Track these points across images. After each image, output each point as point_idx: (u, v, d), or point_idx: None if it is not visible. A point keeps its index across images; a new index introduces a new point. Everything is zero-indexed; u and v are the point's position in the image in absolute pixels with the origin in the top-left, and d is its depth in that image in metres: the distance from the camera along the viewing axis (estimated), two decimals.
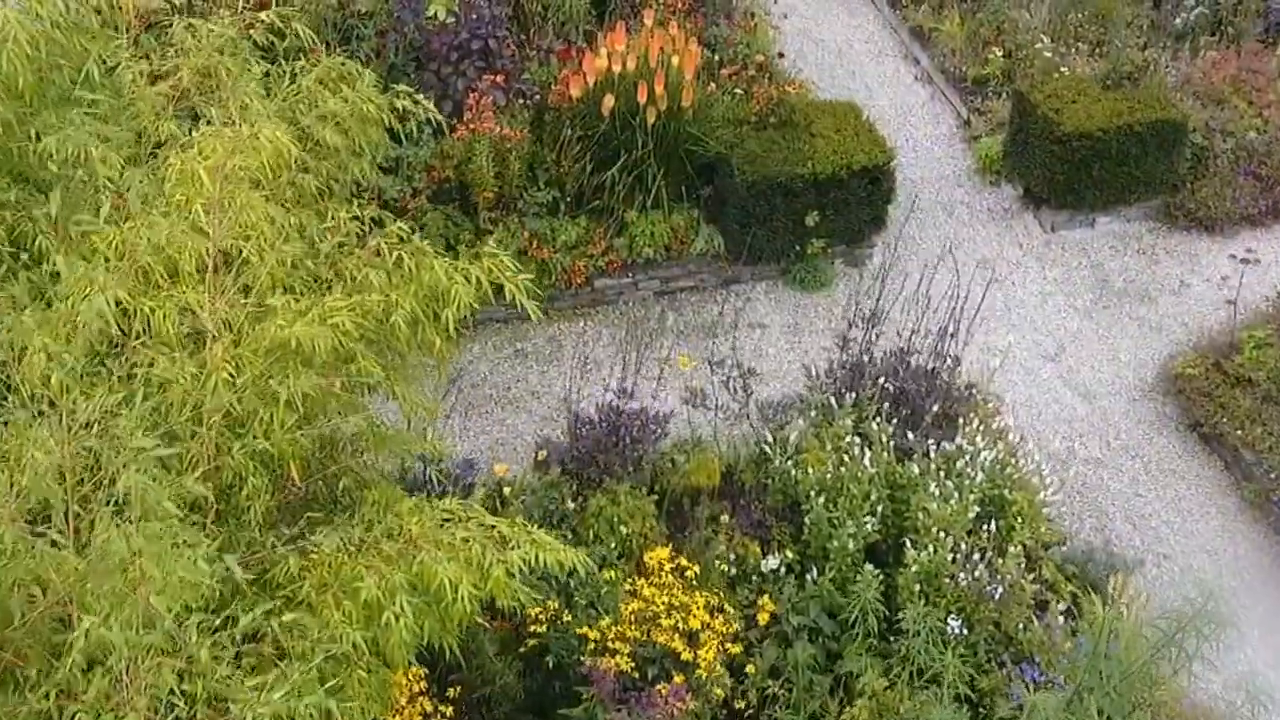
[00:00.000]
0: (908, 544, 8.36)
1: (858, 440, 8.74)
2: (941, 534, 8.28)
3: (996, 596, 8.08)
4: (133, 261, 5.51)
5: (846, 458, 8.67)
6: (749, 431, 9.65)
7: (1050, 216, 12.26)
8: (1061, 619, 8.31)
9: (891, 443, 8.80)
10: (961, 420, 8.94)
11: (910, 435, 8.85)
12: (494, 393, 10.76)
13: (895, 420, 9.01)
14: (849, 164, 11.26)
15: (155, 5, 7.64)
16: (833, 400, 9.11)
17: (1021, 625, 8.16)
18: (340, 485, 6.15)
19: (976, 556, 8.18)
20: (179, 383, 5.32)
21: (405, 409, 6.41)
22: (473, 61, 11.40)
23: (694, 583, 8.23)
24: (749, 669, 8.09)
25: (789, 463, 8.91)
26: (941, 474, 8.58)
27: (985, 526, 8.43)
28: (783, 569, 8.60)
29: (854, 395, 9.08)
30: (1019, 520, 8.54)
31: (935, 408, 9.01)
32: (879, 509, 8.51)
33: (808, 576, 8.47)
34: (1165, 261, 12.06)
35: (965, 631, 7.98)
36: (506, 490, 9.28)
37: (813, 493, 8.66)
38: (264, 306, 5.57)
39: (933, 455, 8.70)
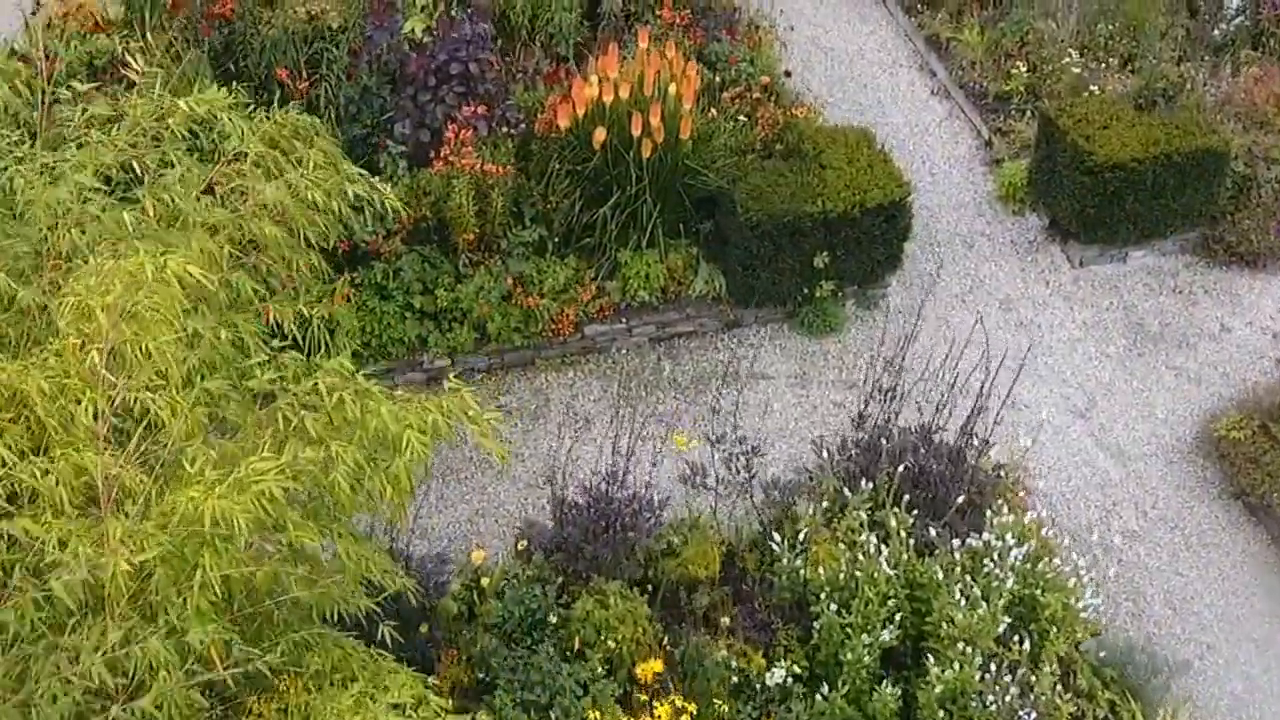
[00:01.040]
0: (930, 658, 7.49)
1: (874, 538, 7.84)
2: (967, 648, 7.40)
3: None
4: (20, 410, 4.60)
5: (861, 555, 7.79)
6: (753, 505, 8.77)
7: (1079, 251, 11.32)
8: None
9: (911, 539, 7.91)
10: (989, 511, 8.04)
11: (933, 530, 7.95)
12: (474, 455, 9.85)
13: (915, 509, 8.12)
14: (862, 200, 10.31)
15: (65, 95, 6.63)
16: (846, 490, 8.20)
17: None
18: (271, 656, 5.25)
19: (1007, 676, 7.31)
20: (71, 563, 4.43)
21: (351, 569, 5.47)
22: (452, 87, 10.44)
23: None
24: None
25: (797, 559, 8.02)
26: (967, 576, 7.69)
27: (1016, 635, 7.56)
28: (789, 680, 7.74)
29: (869, 482, 8.17)
30: (1053, 627, 7.65)
31: (960, 498, 8.11)
32: (897, 616, 7.63)
33: (818, 694, 7.59)
34: (1204, 302, 11.12)
35: None
36: (485, 581, 8.41)
37: (823, 594, 7.79)
38: (176, 467, 4.66)
39: (958, 555, 7.80)
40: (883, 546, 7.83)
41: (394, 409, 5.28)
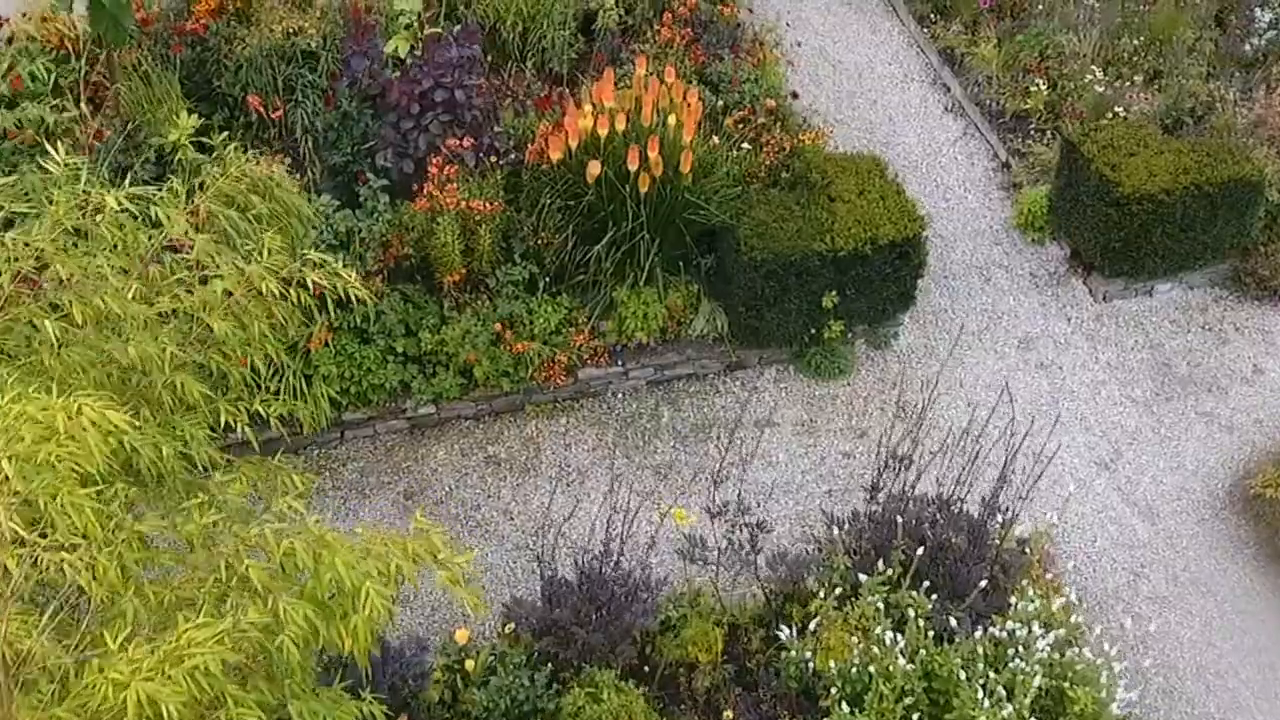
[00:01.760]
0: None
1: (890, 628, 7.24)
2: None
3: None
4: None
5: (876, 648, 7.18)
6: (756, 577, 8.18)
7: (1102, 285, 10.67)
8: None
9: (930, 626, 7.30)
10: (1014, 596, 7.43)
11: (953, 619, 7.34)
12: (460, 512, 9.26)
13: (934, 590, 7.51)
14: (874, 237, 9.66)
15: None
16: (859, 573, 7.59)
17: None
18: None
19: None
20: None
21: None
22: (437, 115, 9.79)
23: None
24: None
25: (806, 650, 7.42)
26: (990, 671, 7.08)
27: None
28: None
29: (884, 562, 7.56)
30: None
31: (984, 581, 7.50)
32: (914, 717, 7.03)
33: None
34: (1235, 340, 10.48)
35: None
36: (469, 664, 7.82)
37: (834, 688, 7.19)
38: (97, 640, 4.05)
39: (980, 647, 7.20)
40: (898, 635, 7.23)
41: (352, 558, 4.62)
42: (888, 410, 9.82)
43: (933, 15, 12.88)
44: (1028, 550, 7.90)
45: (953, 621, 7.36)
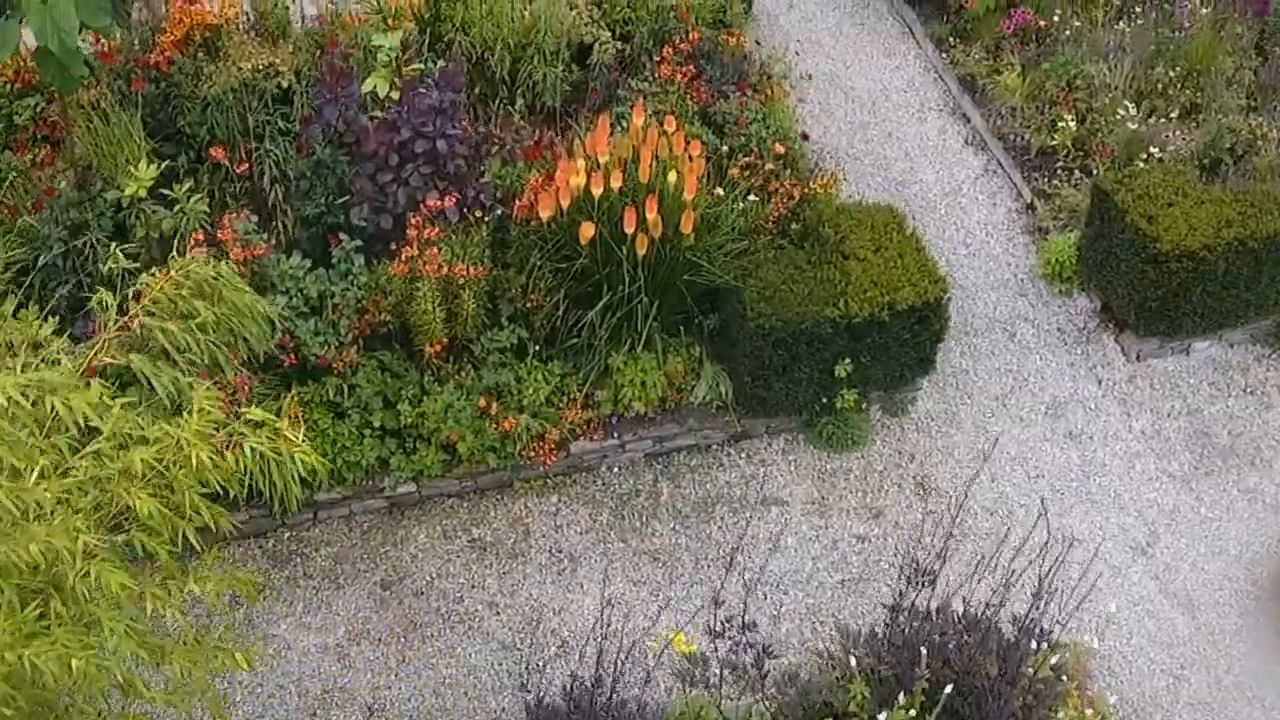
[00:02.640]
0: None
1: None
2: None
3: None
4: None
5: None
6: (763, 695, 7.45)
7: (1135, 344, 9.91)
8: None
9: None
10: None
11: None
12: (442, 605, 8.53)
13: None
14: (892, 301, 8.90)
15: None
16: (880, 704, 6.85)
17: None
18: None
19: None
20: None
21: None
22: (417, 166, 9.00)
23: None
24: None
25: None
26: None
27: None
28: None
29: (906, 695, 6.83)
30: None
31: (1015, 712, 6.77)
32: None
33: None
34: (1279, 405, 9.73)
35: None
36: None
37: None
38: None
39: None
40: None
41: None
42: (905, 487, 9.12)
43: (951, 38, 12.06)
44: (1064, 677, 7.15)
45: None
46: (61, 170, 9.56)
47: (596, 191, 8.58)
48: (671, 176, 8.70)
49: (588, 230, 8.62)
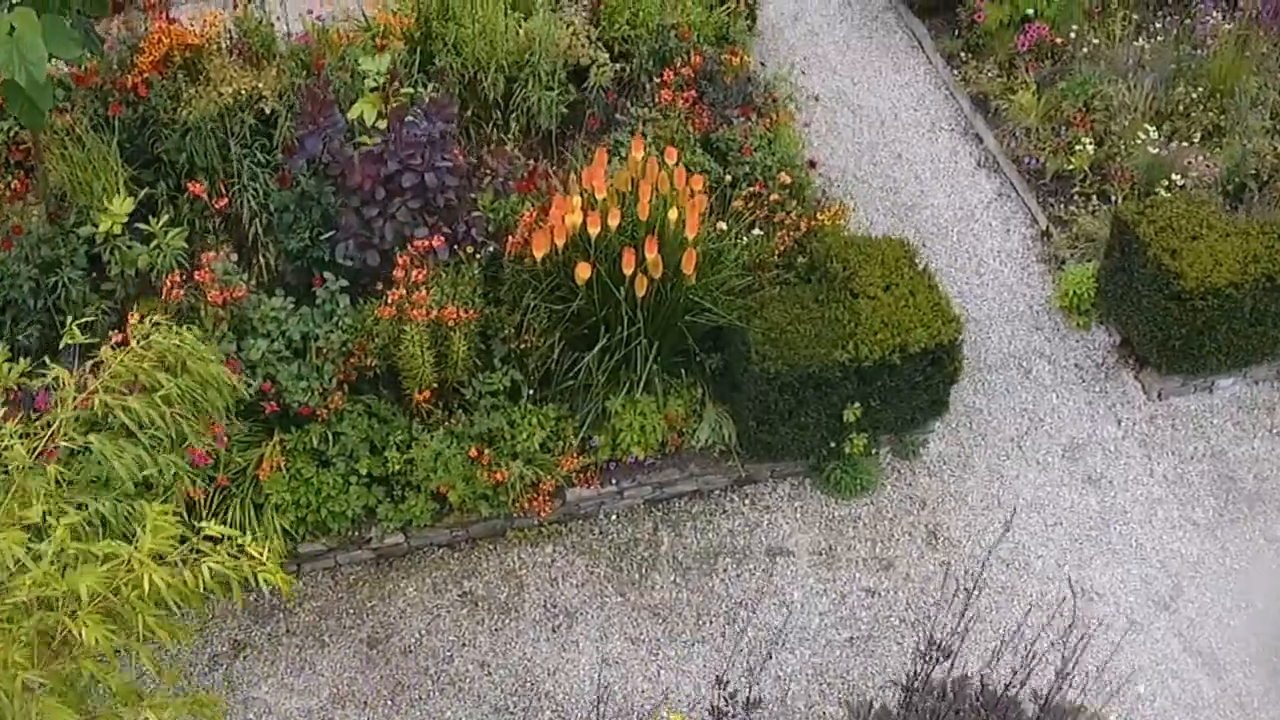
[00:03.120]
0: None
1: None
2: None
3: None
4: None
5: None
6: None
7: (1157, 382, 9.49)
8: None
9: None
10: None
11: None
12: (431, 665, 8.13)
13: None
14: (903, 344, 8.47)
15: None
16: None
17: None
18: None
19: None
20: None
21: None
22: (405, 201, 8.58)
23: None
24: None
25: None
26: None
27: None
28: None
29: None
30: None
31: None
32: None
33: None
34: None
35: None
36: None
37: None
38: None
39: None
40: None
41: None
42: (916, 536, 8.72)
43: (963, 54, 11.61)
44: None
45: None
46: (34, 203, 9.14)
47: (593, 231, 8.15)
48: (672, 214, 8.27)
49: (584, 271, 8.20)
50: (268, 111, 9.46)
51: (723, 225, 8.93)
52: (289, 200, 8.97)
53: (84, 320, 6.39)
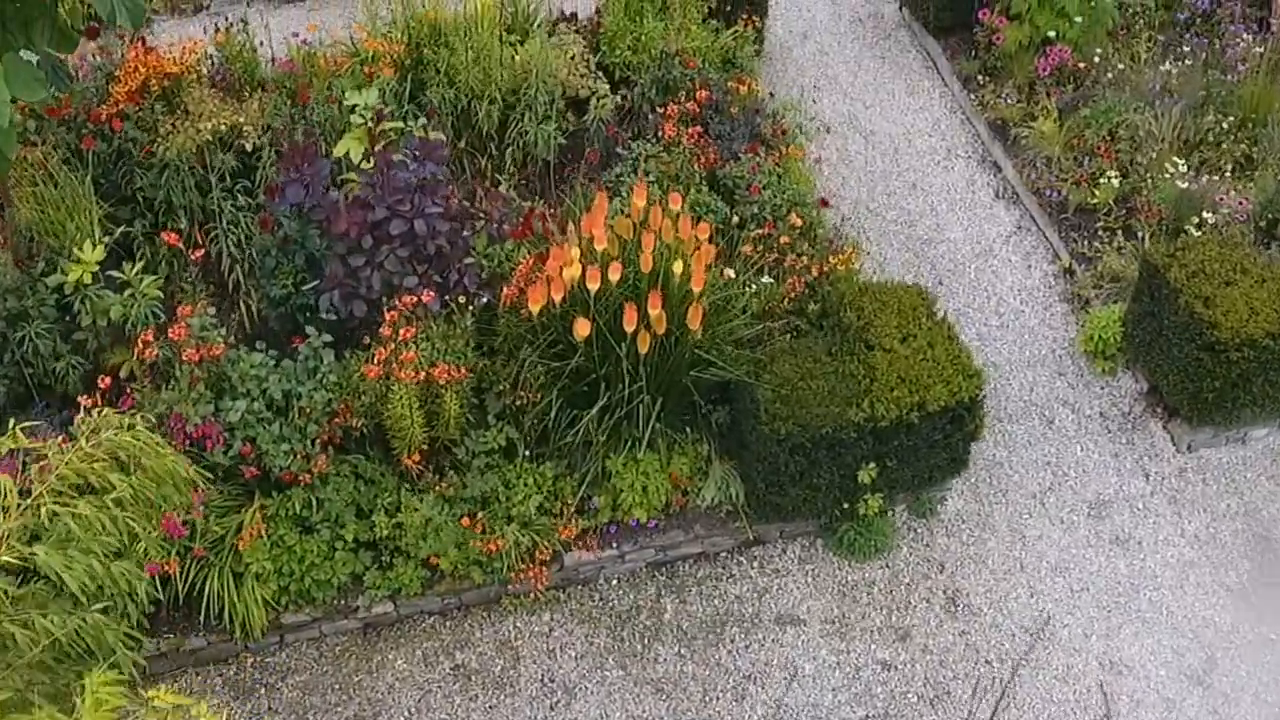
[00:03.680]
0: None
1: None
2: None
3: None
4: None
5: None
6: None
7: (1187, 433, 9.01)
8: None
9: None
10: None
11: None
12: None
13: None
14: (922, 402, 7.99)
15: None
16: None
17: None
18: None
19: None
20: None
21: None
22: (393, 249, 8.08)
23: None
24: None
25: None
26: None
27: None
28: None
29: None
30: None
31: None
32: None
33: None
34: None
35: None
36: None
37: None
38: None
39: None
40: None
41: None
42: (934, 602, 8.26)
43: (980, 76, 11.09)
44: None
45: None
46: (2, 246, 8.64)
47: (593, 287, 7.65)
48: (677, 266, 7.77)
49: (583, 328, 7.71)
50: (249, 149, 8.95)
51: (730, 272, 8.44)
52: (270, 245, 8.48)
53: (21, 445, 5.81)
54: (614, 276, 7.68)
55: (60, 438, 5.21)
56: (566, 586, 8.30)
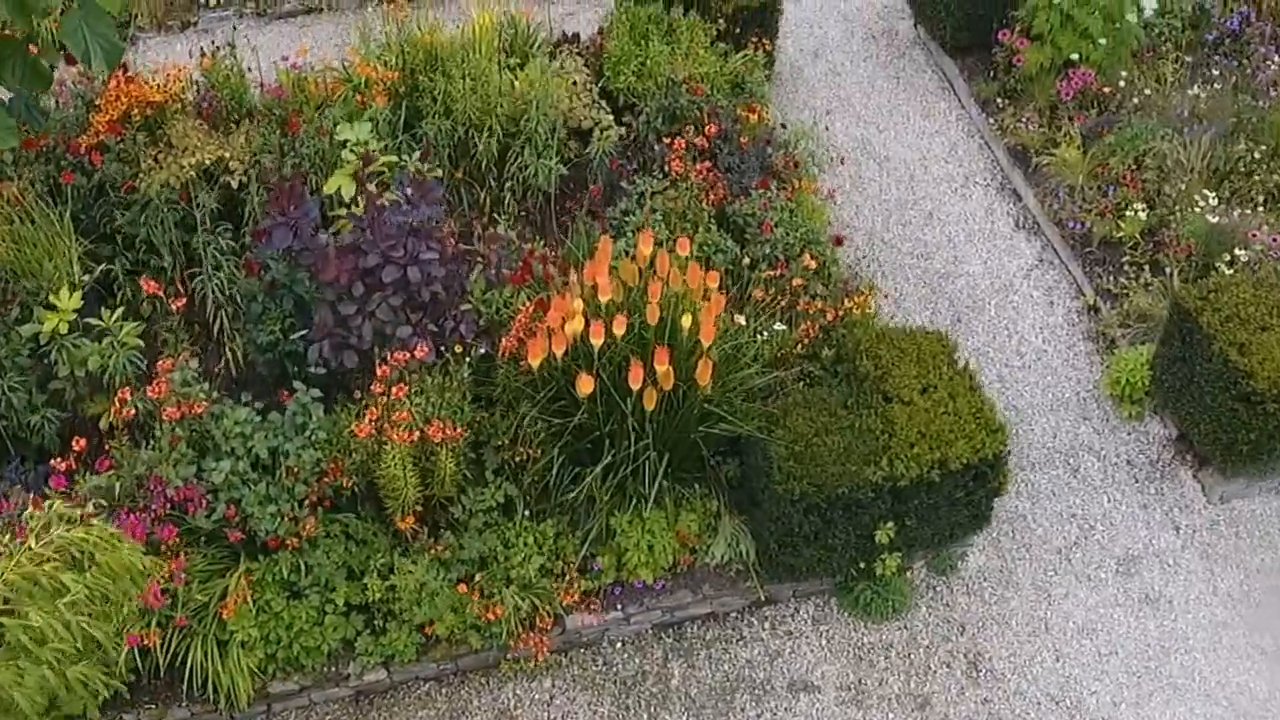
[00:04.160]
0: None
1: None
2: None
3: None
4: None
5: None
6: None
7: (1219, 484, 8.60)
8: None
9: None
10: None
11: None
12: None
13: None
14: (943, 459, 7.57)
15: None
16: None
17: None
18: None
19: None
20: None
21: None
22: (386, 297, 7.66)
23: None
24: None
25: None
26: None
27: None
28: None
29: None
30: None
31: None
32: None
33: None
34: None
35: None
36: None
37: None
38: None
39: None
40: None
41: None
42: (955, 667, 7.86)
43: (999, 99, 10.64)
44: None
45: None
46: None
47: (596, 342, 7.23)
48: (685, 320, 7.35)
49: (586, 385, 7.29)
50: (234, 186, 8.52)
51: (741, 320, 8.01)
52: (257, 289, 8.06)
53: None
54: (619, 330, 7.26)
55: (30, 504, 4.79)
56: (569, 650, 7.91)
